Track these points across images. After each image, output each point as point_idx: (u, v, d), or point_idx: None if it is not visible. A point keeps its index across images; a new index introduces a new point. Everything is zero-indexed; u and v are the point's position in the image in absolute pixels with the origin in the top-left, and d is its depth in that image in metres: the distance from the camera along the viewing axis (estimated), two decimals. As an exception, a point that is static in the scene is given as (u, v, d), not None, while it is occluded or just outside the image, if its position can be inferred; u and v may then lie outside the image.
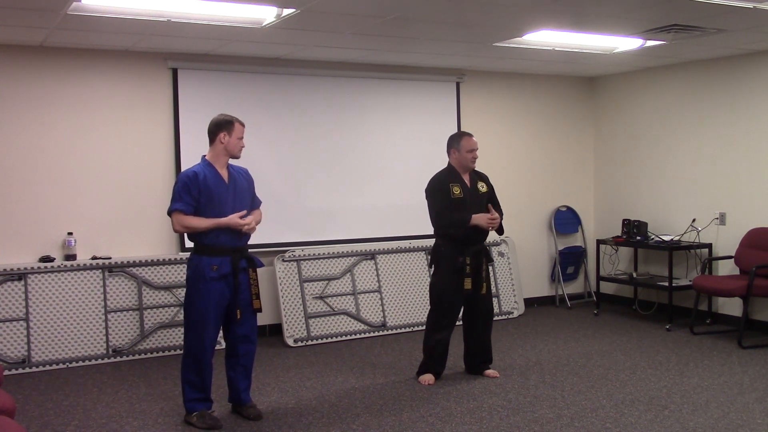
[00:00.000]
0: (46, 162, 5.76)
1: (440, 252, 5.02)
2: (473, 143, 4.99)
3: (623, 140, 7.78)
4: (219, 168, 4.24)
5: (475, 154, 5.00)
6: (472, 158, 4.99)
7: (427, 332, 5.10)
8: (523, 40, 5.78)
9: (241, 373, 4.38)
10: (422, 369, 5.14)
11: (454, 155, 5.02)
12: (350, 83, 6.81)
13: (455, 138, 5.05)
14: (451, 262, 4.93)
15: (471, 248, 4.93)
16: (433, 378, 5.07)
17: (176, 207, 4.14)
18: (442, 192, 4.94)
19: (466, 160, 4.99)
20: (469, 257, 4.90)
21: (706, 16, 4.93)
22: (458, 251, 4.91)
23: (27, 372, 5.43)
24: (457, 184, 4.95)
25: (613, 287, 7.86)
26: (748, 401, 4.58)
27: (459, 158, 5.00)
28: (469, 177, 5.04)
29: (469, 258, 4.90)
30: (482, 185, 5.07)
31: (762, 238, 6.30)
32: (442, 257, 5.00)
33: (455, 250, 4.91)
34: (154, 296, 5.95)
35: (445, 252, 4.97)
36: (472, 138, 5.01)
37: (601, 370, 5.34)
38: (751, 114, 6.53)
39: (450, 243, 4.95)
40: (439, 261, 5.03)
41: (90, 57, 5.88)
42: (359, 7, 4.63)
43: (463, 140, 4.99)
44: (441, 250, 5.01)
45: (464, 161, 4.99)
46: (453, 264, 4.92)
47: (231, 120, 4.25)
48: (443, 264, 4.99)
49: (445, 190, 4.93)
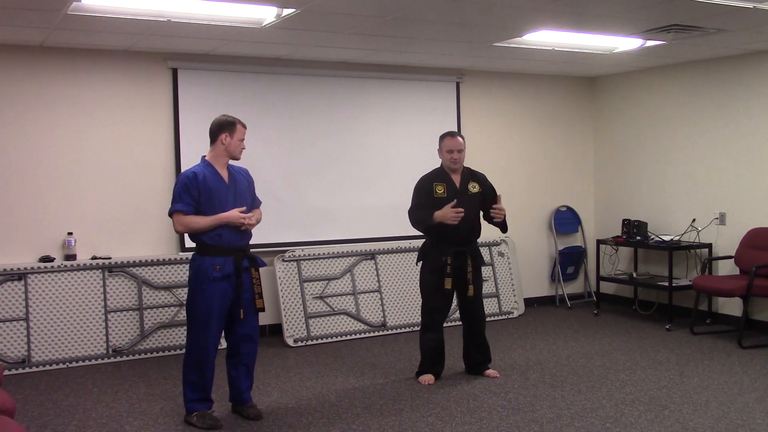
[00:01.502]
0: (46, 162, 5.76)
1: (425, 249, 5.05)
2: (454, 143, 4.90)
3: (623, 140, 7.78)
4: (219, 168, 4.24)
5: (455, 155, 4.89)
6: (450, 158, 4.90)
7: (420, 331, 5.14)
8: (523, 40, 5.78)
9: (242, 373, 4.38)
10: (420, 369, 5.15)
11: (439, 155, 5.03)
12: (350, 83, 6.81)
13: (440, 138, 5.03)
14: (432, 260, 4.94)
15: (453, 248, 4.90)
16: (432, 378, 5.07)
17: (177, 208, 4.14)
18: (423, 191, 4.94)
19: (446, 161, 4.95)
20: (450, 257, 4.88)
21: (706, 16, 4.93)
22: (440, 250, 4.91)
23: (27, 372, 5.43)
24: (442, 183, 4.92)
25: (613, 287, 7.86)
26: (748, 401, 4.58)
27: (441, 158, 5.01)
28: (460, 177, 5.00)
29: (450, 258, 4.88)
30: (474, 185, 5.00)
31: (762, 238, 6.30)
32: (426, 255, 5.02)
33: (438, 249, 4.92)
34: (154, 296, 5.95)
35: (429, 250, 4.99)
36: (455, 138, 4.93)
37: (601, 370, 5.34)
38: (751, 114, 6.53)
39: (432, 241, 4.97)
40: (424, 258, 5.05)
41: (90, 57, 5.88)
42: (359, 7, 4.63)
43: (444, 140, 4.96)
44: (425, 248, 5.04)
45: (445, 161, 4.97)
46: (433, 262, 4.93)
47: (233, 121, 4.26)
48: (425, 262, 5.03)
49: (427, 189, 4.92)
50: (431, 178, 4.98)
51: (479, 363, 5.23)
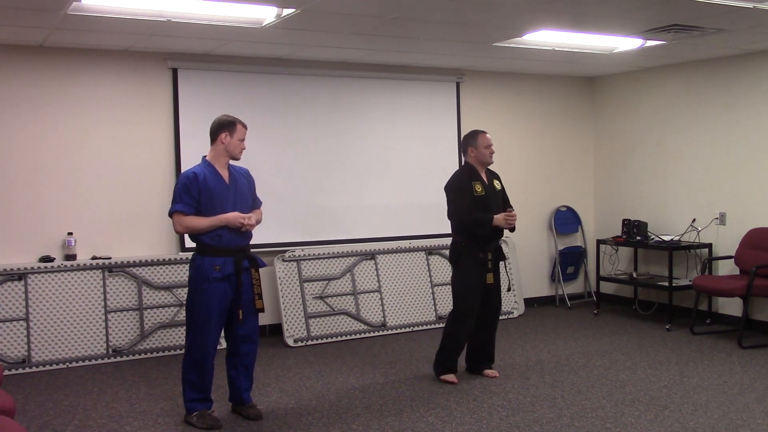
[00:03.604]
0: (46, 162, 5.76)
1: (461, 249, 5.03)
2: (489, 139, 5.07)
3: (623, 140, 7.78)
4: (219, 168, 4.24)
5: (492, 149, 5.07)
6: (490, 153, 5.06)
7: (449, 330, 5.07)
8: (523, 40, 5.78)
9: (242, 373, 4.38)
10: (444, 368, 5.10)
11: (472, 153, 5.06)
12: (350, 83, 6.81)
13: (471, 136, 5.09)
14: (472, 257, 4.96)
15: (491, 244, 5.00)
16: (455, 377, 5.06)
17: (177, 208, 4.14)
18: (464, 190, 4.98)
19: (485, 156, 5.04)
20: (490, 252, 4.98)
21: (706, 16, 4.93)
22: (479, 247, 4.95)
23: (27, 372, 5.43)
24: (479, 182, 5.01)
25: (613, 287, 7.86)
26: (748, 401, 4.58)
27: (478, 155, 5.04)
28: (486, 175, 5.09)
29: (490, 253, 4.98)
30: (497, 183, 5.15)
31: (762, 238, 6.30)
32: (464, 254, 5.01)
33: (476, 247, 4.95)
34: (154, 296, 5.95)
35: (466, 248, 4.99)
36: (486, 134, 5.09)
37: (601, 370, 5.34)
38: (751, 114, 6.53)
39: (470, 239, 4.98)
40: (460, 258, 5.04)
41: (90, 57, 5.88)
42: (359, 7, 4.63)
43: (479, 137, 5.06)
44: (461, 247, 5.02)
45: (483, 157, 5.04)
46: (475, 259, 4.95)
47: (233, 121, 4.26)
48: (465, 260, 5.01)
49: (467, 188, 4.97)
50: (467, 176, 5.03)
51: (483, 360, 5.22)
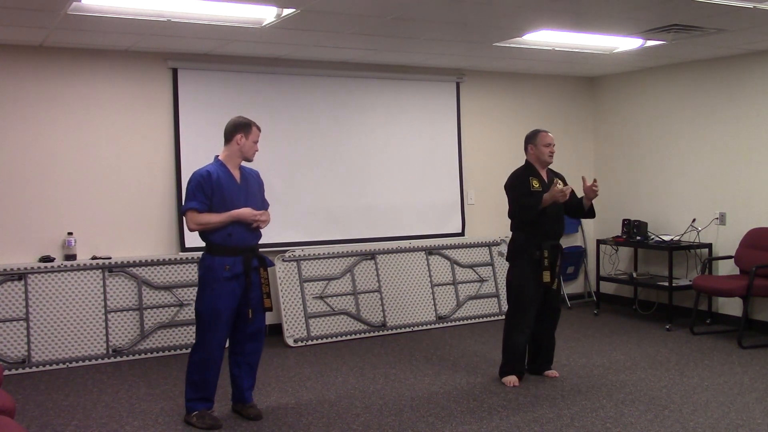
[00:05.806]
0: (46, 162, 5.76)
1: (517, 245, 5.02)
2: (550, 138, 5.06)
3: (623, 140, 7.78)
4: (232, 169, 4.27)
5: (552, 149, 5.05)
6: (549, 152, 5.04)
7: (508, 331, 5.03)
8: (523, 40, 5.78)
9: (246, 372, 4.39)
10: (506, 370, 5.05)
11: (532, 151, 5.06)
12: (350, 83, 6.81)
13: (532, 134, 5.09)
14: (527, 255, 4.94)
15: (548, 241, 4.95)
16: (517, 379, 5.00)
17: (191, 206, 4.16)
18: (522, 184, 4.99)
19: (543, 155, 5.03)
20: (546, 250, 4.92)
21: (706, 16, 4.93)
22: (535, 245, 4.92)
23: (27, 372, 5.43)
24: (536, 178, 5.01)
25: (613, 287, 7.86)
26: (748, 401, 4.58)
27: (536, 153, 5.04)
28: (546, 174, 5.08)
29: (546, 251, 4.92)
30: (559, 182, 5.04)
31: (762, 238, 6.30)
32: (519, 250, 5.00)
33: (532, 244, 4.93)
34: (154, 296, 5.95)
35: (522, 245, 4.97)
36: (548, 134, 5.08)
37: (601, 370, 5.34)
38: (751, 114, 6.53)
39: (527, 236, 4.96)
40: (516, 255, 5.03)
41: (90, 57, 5.88)
42: (359, 7, 4.63)
43: (539, 135, 5.05)
44: (517, 244, 5.02)
45: (542, 155, 5.04)
46: (530, 257, 4.92)
47: (249, 123, 4.30)
48: (520, 257, 4.99)
49: (525, 183, 4.98)
50: (525, 173, 5.04)
51: (544, 362, 5.18)
